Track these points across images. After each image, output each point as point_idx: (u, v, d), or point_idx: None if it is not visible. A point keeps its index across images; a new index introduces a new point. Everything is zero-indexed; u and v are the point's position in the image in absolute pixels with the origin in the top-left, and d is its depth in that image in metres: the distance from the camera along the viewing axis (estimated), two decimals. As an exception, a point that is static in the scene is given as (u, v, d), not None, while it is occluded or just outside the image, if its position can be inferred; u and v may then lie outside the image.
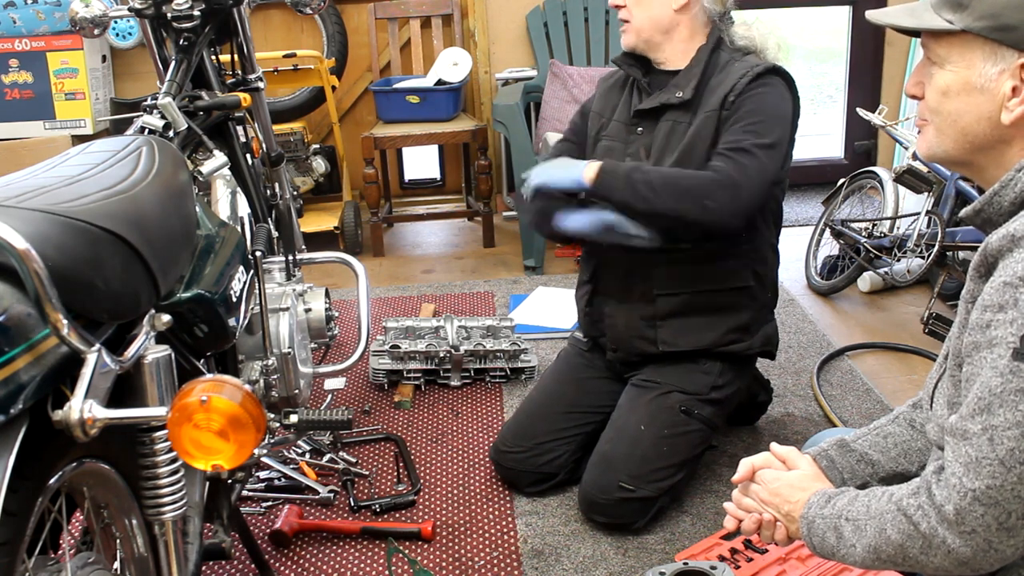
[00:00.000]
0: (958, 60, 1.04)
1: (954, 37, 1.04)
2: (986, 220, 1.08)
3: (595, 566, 1.94)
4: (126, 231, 1.17)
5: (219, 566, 1.97)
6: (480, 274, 3.78)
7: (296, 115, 4.11)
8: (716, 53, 2.06)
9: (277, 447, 2.11)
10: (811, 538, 1.19)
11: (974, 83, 1.03)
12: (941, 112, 1.08)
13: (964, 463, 0.98)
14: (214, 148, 1.78)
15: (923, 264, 3.09)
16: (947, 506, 0.99)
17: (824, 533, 1.16)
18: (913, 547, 1.03)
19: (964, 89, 1.04)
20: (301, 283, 2.26)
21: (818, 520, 1.18)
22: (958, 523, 0.98)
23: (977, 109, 1.04)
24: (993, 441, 0.95)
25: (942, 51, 1.06)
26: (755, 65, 2.00)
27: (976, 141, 1.06)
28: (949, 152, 1.09)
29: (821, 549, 1.18)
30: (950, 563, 1.00)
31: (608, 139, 2.16)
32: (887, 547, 1.06)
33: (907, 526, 1.04)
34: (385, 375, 2.71)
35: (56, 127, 3.99)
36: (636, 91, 2.14)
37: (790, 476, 1.30)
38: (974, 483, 0.96)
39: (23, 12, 3.90)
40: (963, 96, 1.05)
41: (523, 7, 4.23)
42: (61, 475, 1.10)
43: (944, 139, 1.09)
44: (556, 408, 2.21)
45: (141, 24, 1.99)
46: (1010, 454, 0.94)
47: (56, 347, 1.03)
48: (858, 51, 4.54)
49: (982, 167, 1.09)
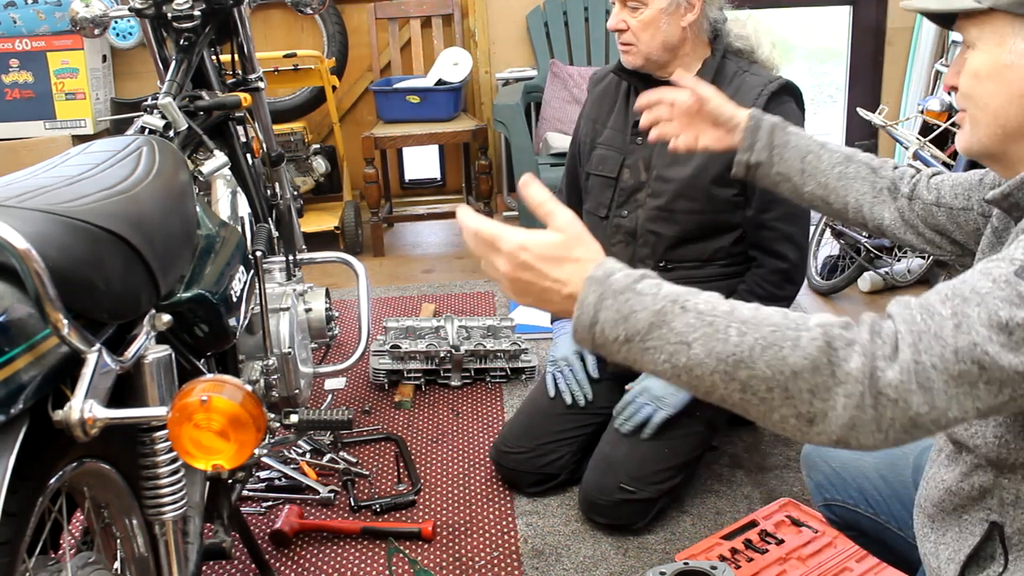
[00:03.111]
0: (989, 39, 1.02)
1: (984, 16, 1.02)
2: (1014, 204, 1.05)
3: (595, 566, 1.94)
4: (126, 231, 1.17)
5: (219, 566, 1.97)
6: (480, 274, 3.77)
7: (296, 115, 4.11)
8: (723, 62, 2.02)
9: (277, 447, 2.11)
10: (596, 314, 0.88)
11: (1004, 61, 1.01)
12: (973, 97, 1.05)
13: (917, 331, 0.84)
14: (214, 148, 1.78)
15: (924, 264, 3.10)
16: (888, 346, 0.84)
17: (634, 312, 0.87)
18: (809, 379, 0.83)
19: (995, 69, 1.02)
20: (301, 283, 2.26)
21: (628, 295, 0.87)
22: (901, 371, 0.83)
23: (1008, 89, 1.01)
24: (959, 328, 0.83)
25: (974, 32, 1.04)
26: (768, 81, 1.96)
27: (1008, 126, 1.03)
28: (983, 142, 1.06)
29: (615, 332, 0.87)
30: (838, 416, 0.84)
31: (604, 147, 2.13)
32: (767, 364, 0.84)
33: (823, 351, 0.83)
34: (385, 375, 2.71)
35: (56, 127, 3.99)
36: (635, 96, 2.08)
37: (556, 238, 0.93)
38: (919, 355, 0.83)
39: (23, 12, 3.90)
40: (994, 77, 1.02)
41: (523, 7, 4.23)
42: (61, 475, 1.10)
43: (977, 128, 1.06)
44: (557, 409, 2.21)
45: (141, 24, 1.99)
46: (970, 348, 0.83)
47: (56, 347, 1.03)
48: (858, 51, 4.54)
49: (1016, 159, 1.05)
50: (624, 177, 2.09)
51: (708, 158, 1.97)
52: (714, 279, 2.05)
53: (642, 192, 2.06)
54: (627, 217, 2.08)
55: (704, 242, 2.05)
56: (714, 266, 2.06)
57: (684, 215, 2.01)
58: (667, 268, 2.05)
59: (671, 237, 2.04)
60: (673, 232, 2.03)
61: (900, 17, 4.32)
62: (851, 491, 1.46)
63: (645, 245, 2.06)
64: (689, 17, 1.95)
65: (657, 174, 2.03)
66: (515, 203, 4.14)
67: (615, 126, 2.12)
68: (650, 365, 0.88)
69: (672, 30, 1.95)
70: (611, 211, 2.11)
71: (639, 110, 1.64)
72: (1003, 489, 1.03)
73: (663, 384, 2.04)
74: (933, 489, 1.13)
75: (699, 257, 2.05)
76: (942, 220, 1.34)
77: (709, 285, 2.15)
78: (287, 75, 3.73)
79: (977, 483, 1.06)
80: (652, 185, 2.04)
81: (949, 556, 1.10)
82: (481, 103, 4.33)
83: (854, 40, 4.54)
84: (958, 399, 0.84)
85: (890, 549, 1.45)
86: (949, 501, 1.10)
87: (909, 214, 1.38)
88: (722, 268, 2.06)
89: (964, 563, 1.07)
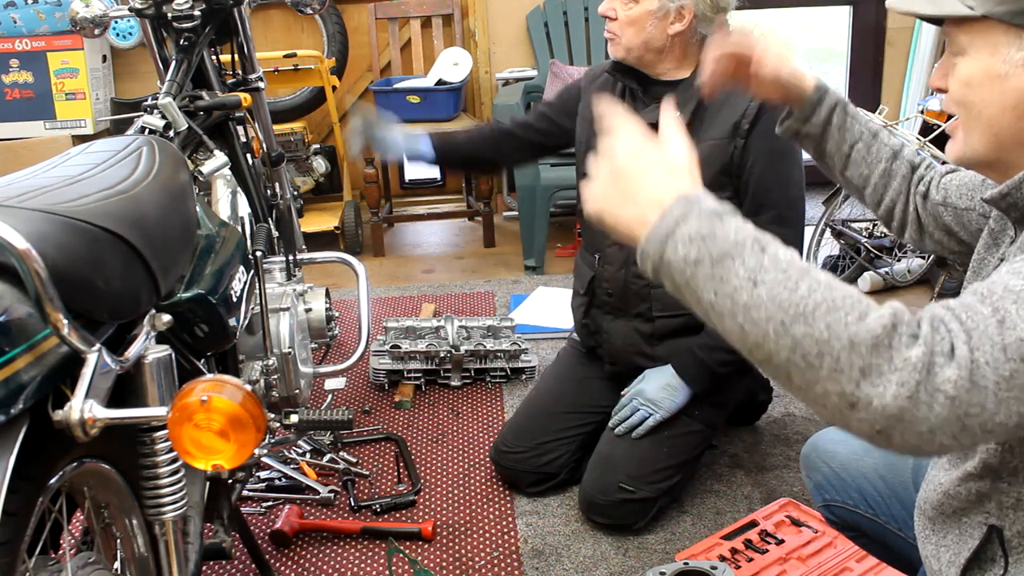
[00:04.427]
0: (981, 47, 0.99)
1: (976, 23, 0.99)
2: (1011, 205, 1.03)
3: (595, 566, 1.94)
4: (126, 231, 1.17)
5: (219, 566, 1.97)
6: (480, 274, 3.77)
7: (296, 115, 4.11)
8: None
9: (277, 447, 2.11)
10: (679, 228, 0.85)
11: (998, 71, 0.98)
12: (965, 104, 1.02)
13: (967, 329, 0.81)
14: (214, 148, 1.78)
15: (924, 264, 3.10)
16: (948, 357, 0.80)
17: (714, 236, 0.84)
18: (866, 356, 0.79)
19: (988, 78, 0.99)
20: (301, 283, 2.26)
21: (714, 219, 0.86)
22: (934, 375, 0.80)
23: (1001, 99, 0.99)
24: (1003, 324, 0.80)
25: (965, 38, 1.01)
26: None
27: (1002, 135, 1.00)
28: (977, 151, 1.03)
29: (683, 255, 0.85)
30: (886, 405, 0.79)
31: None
32: (822, 325, 0.80)
33: (888, 331, 0.80)
34: (385, 375, 2.71)
35: (56, 127, 3.99)
36: (630, 97, 2.09)
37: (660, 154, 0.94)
38: (974, 354, 0.80)
39: (23, 12, 3.90)
40: (987, 85, 0.99)
41: (523, 7, 4.23)
42: (61, 475, 1.10)
43: (971, 136, 1.03)
44: (557, 408, 2.21)
45: (141, 24, 1.99)
46: (1017, 345, 0.79)
47: (56, 347, 1.03)
48: (858, 51, 4.54)
49: (1010, 166, 1.03)
50: None
51: (704, 159, 1.96)
52: None
53: None
54: None
55: None
56: None
57: None
58: None
59: None
60: None
61: (900, 17, 4.32)
62: (851, 492, 1.46)
63: None
64: (677, 27, 1.95)
65: None
66: (514, 203, 4.14)
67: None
68: (708, 295, 0.84)
69: (656, 33, 1.95)
70: None
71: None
72: (1002, 493, 1.03)
73: (658, 388, 2.05)
74: (932, 492, 1.13)
75: None
76: (949, 220, 1.33)
77: None
78: (287, 75, 3.73)
79: (975, 487, 1.05)
80: None
81: (950, 559, 1.10)
82: (481, 103, 4.34)
83: (854, 40, 4.54)
84: (1007, 402, 0.80)
85: (890, 549, 1.45)
86: (948, 504, 1.10)
87: (922, 213, 1.37)
88: None
89: (964, 565, 1.07)
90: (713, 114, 1.97)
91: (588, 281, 2.15)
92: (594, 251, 2.14)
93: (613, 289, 2.10)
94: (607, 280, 2.11)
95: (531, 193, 3.61)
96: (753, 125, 1.94)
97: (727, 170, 1.97)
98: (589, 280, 2.15)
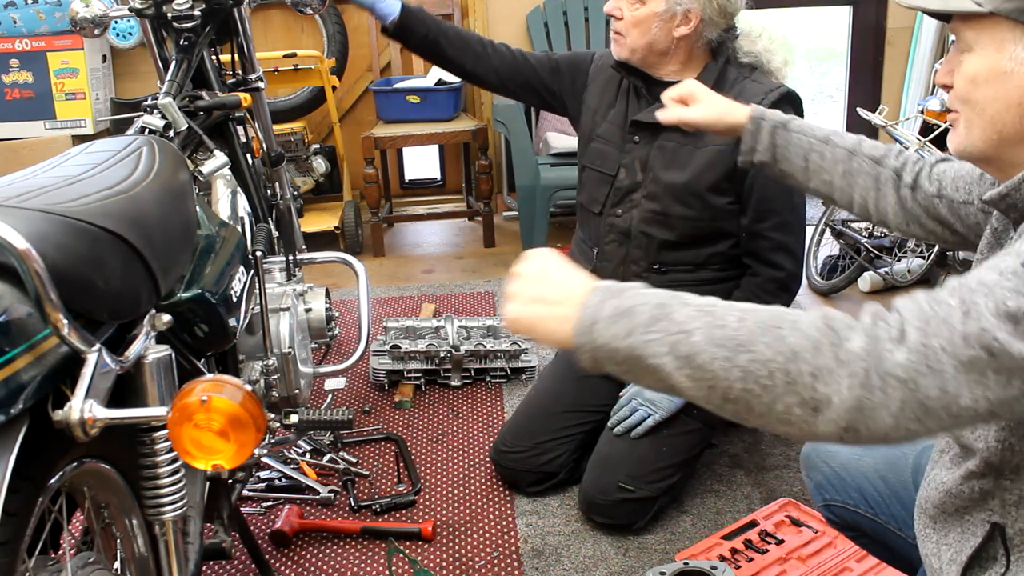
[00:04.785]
0: (987, 44, 1.00)
1: (984, 20, 0.99)
2: (1010, 206, 1.03)
3: (595, 566, 1.94)
4: (126, 231, 1.17)
5: (219, 566, 1.97)
6: (480, 274, 3.77)
7: (296, 115, 4.11)
8: (725, 67, 2.00)
9: (277, 447, 2.11)
10: (601, 310, 0.90)
11: (1003, 68, 0.98)
12: (969, 100, 1.03)
13: (924, 318, 0.83)
14: (214, 148, 1.78)
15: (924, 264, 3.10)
16: (895, 329, 0.83)
17: (636, 307, 0.89)
18: (811, 360, 0.82)
19: (993, 75, 0.99)
20: (301, 283, 2.26)
21: (631, 293, 0.91)
22: (907, 351, 0.82)
23: (1006, 96, 0.99)
24: (967, 315, 0.82)
25: (971, 35, 1.01)
26: (769, 90, 1.95)
27: (1005, 132, 1.01)
28: (978, 146, 1.04)
29: (616, 329, 0.89)
30: (843, 400, 0.82)
31: (601, 142, 2.12)
32: (762, 347, 0.83)
33: (824, 332, 0.83)
34: (385, 375, 2.71)
35: (56, 127, 3.99)
36: (635, 93, 2.09)
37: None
38: (928, 338, 0.82)
39: (23, 12, 3.90)
40: (992, 83, 1.00)
41: (523, 7, 4.23)
42: (61, 475, 1.10)
43: (972, 131, 1.04)
44: (556, 408, 2.21)
45: (141, 24, 1.99)
46: (980, 335, 0.81)
47: (56, 347, 1.03)
48: (858, 51, 4.54)
49: (1010, 163, 1.04)
50: (620, 176, 2.08)
51: (705, 165, 1.97)
52: (707, 283, 2.05)
53: (637, 193, 2.06)
54: (621, 216, 2.08)
55: (698, 248, 2.04)
56: (708, 270, 2.06)
57: (679, 220, 2.01)
58: (660, 271, 2.05)
59: (665, 240, 2.03)
60: (667, 235, 2.03)
61: (900, 17, 4.32)
62: (851, 492, 1.46)
63: (638, 247, 2.06)
64: (683, 30, 1.94)
65: (653, 176, 2.03)
66: (514, 203, 4.14)
67: (614, 121, 2.11)
68: (652, 359, 0.87)
69: (662, 35, 1.95)
70: (605, 208, 2.11)
71: (667, 122, 1.64)
72: (1005, 491, 1.03)
73: None
74: (934, 491, 1.13)
75: (693, 261, 2.05)
76: (943, 212, 1.33)
77: (702, 289, 2.15)
78: (287, 75, 3.73)
79: (978, 485, 1.06)
80: (648, 187, 2.04)
81: (951, 557, 1.10)
82: (481, 103, 4.34)
83: (854, 40, 4.54)
84: (968, 386, 0.82)
85: (890, 549, 1.45)
86: (950, 503, 1.10)
87: (912, 204, 1.37)
88: (716, 272, 2.06)
89: (966, 564, 1.07)
90: None
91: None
92: (593, 245, 2.14)
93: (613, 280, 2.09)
94: (604, 277, 2.09)
95: (531, 193, 3.61)
96: None
97: (730, 176, 1.96)
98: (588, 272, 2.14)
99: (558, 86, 2.22)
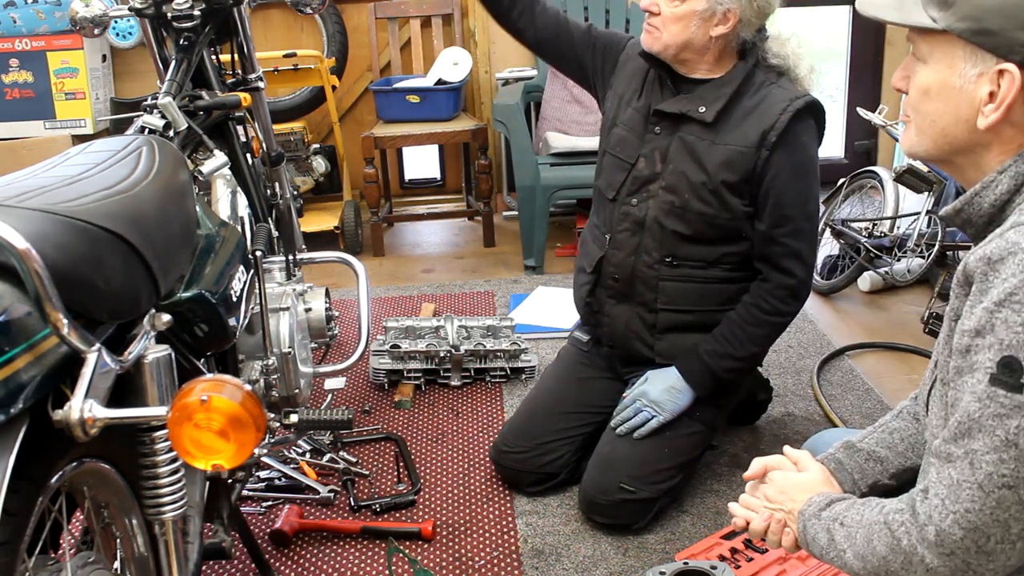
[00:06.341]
0: (940, 59, 1.03)
1: (937, 35, 1.03)
2: (966, 221, 1.07)
3: (595, 566, 1.94)
4: (126, 231, 1.17)
5: (219, 566, 1.97)
6: (480, 274, 3.77)
7: (296, 115, 4.11)
8: (753, 70, 1.98)
9: (277, 447, 2.11)
10: (806, 537, 1.21)
11: (953, 84, 1.02)
12: (921, 111, 1.08)
13: (947, 485, 0.99)
14: (214, 148, 1.78)
15: (923, 264, 3.10)
16: (928, 527, 1.00)
17: (817, 534, 1.18)
18: (895, 561, 1.04)
19: (943, 89, 1.04)
20: (301, 283, 2.26)
21: (813, 521, 1.19)
22: (938, 544, 0.99)
23: (955, 111, 1.03)
24: (973, 465, 0.96)
25: (926, 48, 1.05)
26: (794, 98, 1.93)
27: (955, 143, 1.05)
28: (929, 150, 1.09)
29: (815, 550, 1.20)
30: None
31: (623, 128, 2.09)
32: (872, 557, 1.08)
33: (891, 540, 1.05)
34: (385, 375, 2.71)
35: (56, 127, 3.99)
36: (660, 84, 2.05)
37: (799, 478, 1.32)
38: (955, 506, 0.97)
39: (23, 12, 3.90)
40: (942, 97, 1.04)
41: (523, 7, 4.22)
42: (61, 475, 1.10)
43: (924, 138, 1.09)
44: (557, 408, 2.21)
45: (141, 24, 1.99)
46: (988, 478, 0.95)
47: (56, 347, 1.03)
48: (858, 51, 4.54)
49: (961, 167, 1.08)
50: (639, 165, 2.06)
51: (726, 163, 1.95)
52: (717, 281, 2.04)
53: (655, 183, 2.03)
54: (636, 206, 2.06)
55: (713, 245, 2.02)
56: (719, 268, 2.04)
57: (696, 214, 1.99)
58: (672, 264, 2.03)
59: (680, 234, 2.02)
60: (683, 228, 2.01)
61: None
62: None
63: (652, 237, 2.04)
64: (720, 29, 1.92)
65: (673, 168, 2.01)
66: (514, 203, 4.14)
67: (638, 108, 2.08)
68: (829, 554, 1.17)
69: (699, 34, 1.92)
70: (619, 195, 2.08)
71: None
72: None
73: (661, 390, 2.05)
74: None
75: (706, 258, 2.04)
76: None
77: (712, 287, 2.14)
78: (287, 75, 3.73)
79: None
80: (667, 178, 2.01)
81: None
82: (481, 103, 4.33)
83: (854, 40, 4.54)
84: (1007, 523, 0.95)
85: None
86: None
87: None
88: (727, 272, 2.05)
89: None
90: (741, 118, 1.95)
91: (597, 261, 2.12)
92: (606, 231, 2.11)
93: (620, 275, 2.08)
94: (615, 265, 2.09)
95: (531, 193, 3.61)
96: (780, 138, 1.92)
97: (748, 178, 1.95)
98: (598, 260, 2.12)
99: (591, 63, 2.21)
